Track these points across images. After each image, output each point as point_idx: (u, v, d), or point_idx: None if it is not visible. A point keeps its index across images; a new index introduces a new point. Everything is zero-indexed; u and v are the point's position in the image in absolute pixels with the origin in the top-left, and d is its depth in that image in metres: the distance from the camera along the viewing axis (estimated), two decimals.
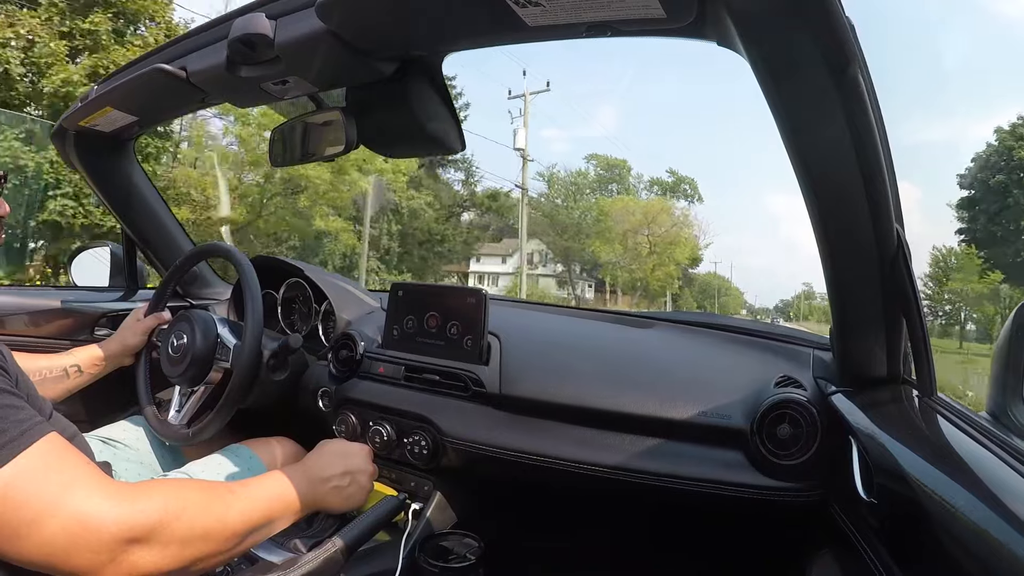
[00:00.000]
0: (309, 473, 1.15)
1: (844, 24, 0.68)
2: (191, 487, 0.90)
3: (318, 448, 1.27)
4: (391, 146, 1.30)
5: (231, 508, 0.90)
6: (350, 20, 0.94)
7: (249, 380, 1.42)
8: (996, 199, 32.02)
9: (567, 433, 1.26)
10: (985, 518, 0.62)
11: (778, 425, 1.12)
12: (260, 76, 1.10)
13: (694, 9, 0.74)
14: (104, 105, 1.44)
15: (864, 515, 0.89)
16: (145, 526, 0.77)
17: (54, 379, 1.46)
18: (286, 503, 1.04)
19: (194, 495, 0.87)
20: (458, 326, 1.44)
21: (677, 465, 1.17)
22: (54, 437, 0.79)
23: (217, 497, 0.90)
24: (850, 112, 0.75)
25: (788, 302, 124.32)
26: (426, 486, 1.41)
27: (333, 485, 1.18)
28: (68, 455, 0.79)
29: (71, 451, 0.80)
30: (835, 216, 0.88)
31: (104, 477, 0.79)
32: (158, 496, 0.81)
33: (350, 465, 1.23)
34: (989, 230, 32.17)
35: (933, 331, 20.30)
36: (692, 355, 1.46)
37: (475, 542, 1.25)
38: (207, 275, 2.17)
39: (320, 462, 1.21)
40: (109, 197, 1.85)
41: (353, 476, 1.23)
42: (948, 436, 0.86)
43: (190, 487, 0.90)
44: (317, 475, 1.16)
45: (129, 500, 0.77)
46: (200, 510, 0.85)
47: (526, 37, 0.90)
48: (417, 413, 1.38)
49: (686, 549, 1.66)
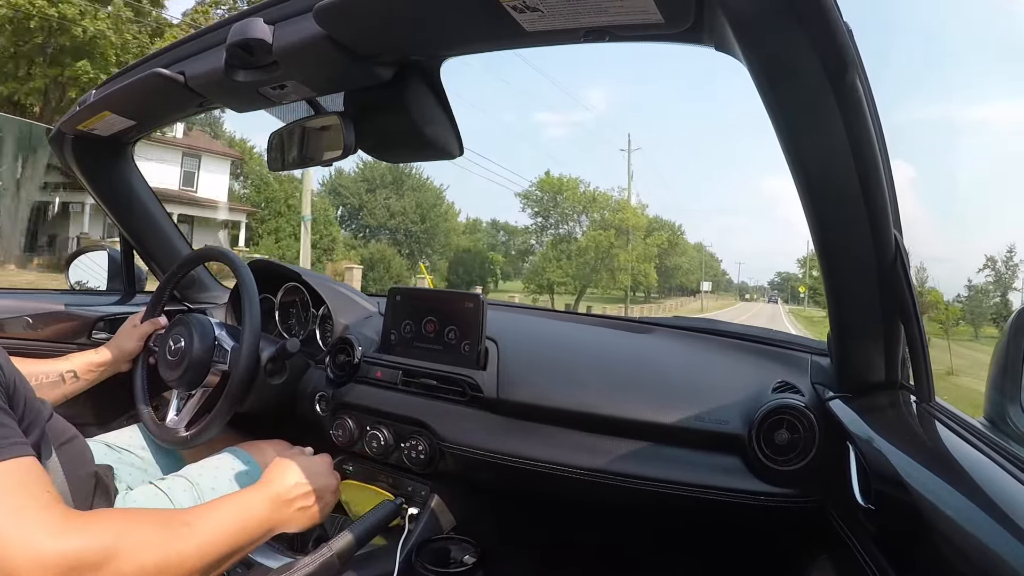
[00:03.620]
0: (269, 494, 1.08)
1: (842, 29, 0.68)
2: (147, 521, 0.85)
3: (278, 466, 1.17)
4: (389, 151, 1.30)
5: (188, 542, 0.85)
6: (348, 25, 0.94)
7: (247, 384, 1.41)
8: None
9: (565, 438, 1.26)
10: (983, 524, 0.62)
11: (776, 431, 1.12)
12: (258, 81, 1.10)
13: (691, 14, 0.74)
14: (102, 109, 1.43)
15: (862, 521, 0.89)
16: (91, 561, 0.72)
17: (50, 384, 1.46)
18: (248, 532, 0.97)
19: (148, 530, 0.82)
20: (456, 331, 1.44)
21: (674, 471, 1.17)
22: (22, 462, 0.77)
23: (173, 531, 0.85)
24: (848, 117, 0.75)
25: (785, 276, 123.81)
26: (423, 491, 1.40)
27: (298, 507, 1.11)
28: (29, 480, 0.76)
29: (34, 477, 0.77)
30: (833, 221, 0.88)
31: (59, 508, 0.76)
32: (110, 530, 0.77)
33: (316, 484, 1.16)
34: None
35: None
36: (690, 360, 1.45)
37: (472, 547, 1.25)
38: (205, 279, 2.16)
39: (284, 482, 1.13)
40: (107, 201, 1.85)
41: (315, 491, 1.15)
42: (946, 442, 0.86)
43: (146, 521, 0.85)
44: (281, 497, 1.09)
45: (78, 533, 0.73)
46: (154, 546, 0.80)
47: (524, 42, 0.90)
48: (414, 418, 1.38)
49: (683, 555, 1.65)
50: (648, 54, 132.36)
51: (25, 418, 0.94)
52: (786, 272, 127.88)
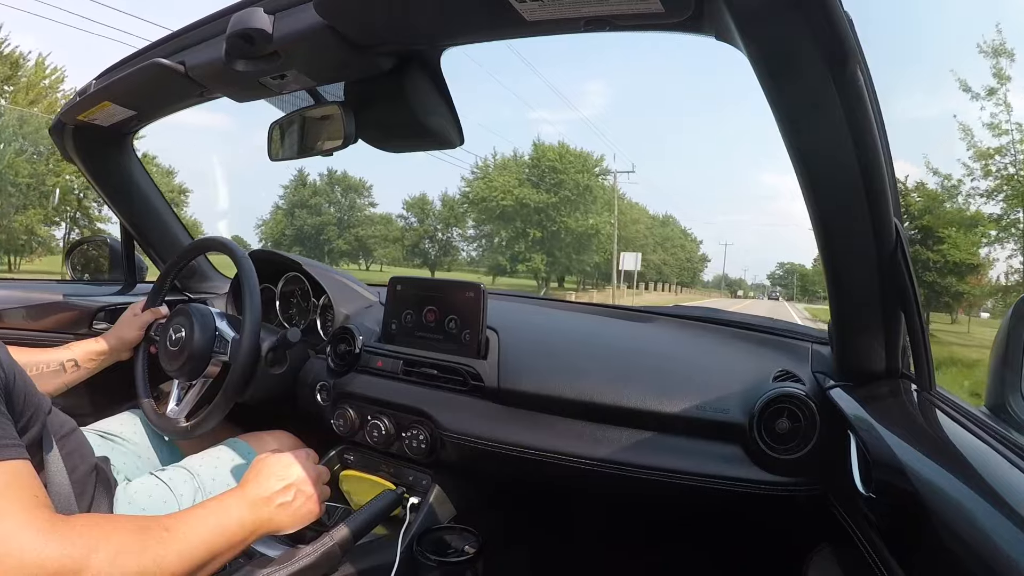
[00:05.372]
0: (248, 496, 1.04)
1: (843, 19, 0.67)
2: (126, 527, 0.84)
3: (254, 466, 1.14)
4: (390, 141, 1.29)
5: (168, 549, 0.84)
6: (349, 15, 0.93)
7: (247, 374, 1.42)
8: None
9: (565, 427, 1.26)
10: (983, 512, 0.62)
11: (777, 419, 1.13)
12: (258, 71, 1.09)
13: (692, 3, 0.74)
14: (102, 99, 1.43)
15: (862, 509, 0.89)
16: (72, 567, 0.73)
17: (51, 373, 1.46)
18: (228, 535, 0.95)
19: (129, 536, 0.81)
20: (456, 320, 1.44)
21: (675, 459, 1.17)
22: (12, 465, 0.77)
23: (152, 538, 0.84)
24: (849, 107, 0.75)
25: (789, 267, 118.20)
26: (424, 480, 1.41)
27: (277, 503, 1.07)
28: (17, 484, 0.76)
29: (23, 481, 0.78)
30: (834, 210, 0.88)
31: (43, 513, 0.76)
32: (91, 536, 0.77)
33: (289, 476, 1.11)
34: None
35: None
36: (691, 350, 1.46)
37: (473, 536, 1.25)
38: (205, 269, 2.17)
39: (258, 481, 1.09)
40: (107, 191, 1.85)
41: (297, 487, 1.11)
42: (947, 430, 0.86)
43: (125, 527, 0.83)
44: (257, 496, 1.05)
45: (59, 538, 0.73)
46: (135, 552, 0.80)
47: (524, 32, 0.90)
48: (415, 407, 1.38)
49: (684, 542, 1.66)
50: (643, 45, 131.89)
51: (24, 413, 0.94)
52: (789, 263, 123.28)
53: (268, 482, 1.09)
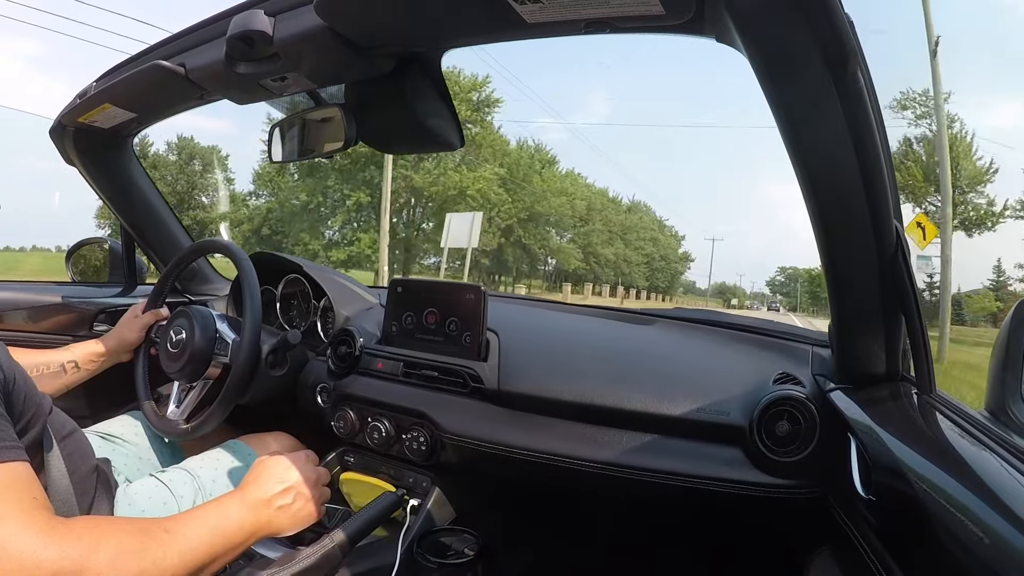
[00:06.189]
0: (248, 499, 1.05)
1: (843, 20, 0.67)
2: (126, 529, 0.84)
3: (254, 468, 1.15)
4: (390, 142, 1.30)
5: (168, 551, 0.84)
6: (349, 17, 0.94)
7: (248, 376, 1.42)
8: None
9: (565, 429, 1.26)
10: (983, 515, 0.62)
11: (777, 422, 1.12)
12: (259, 73, 1.10)
13: (692, 5, 0.74)
14: (103, 102, 1.43)
15: (863, 512, 0.89)
16: (71, 569, 0.72)
17: (51, 375, 1.46)
18: (227, 537, 0.95)
19: (128, 538, 0.81)
20: (457, 322, 1.44)
21: (675, 462, 1.17)
22: (11, 467, 0.77)
23: (152, 539, 0.84)
24: (849, 109, 0.75)
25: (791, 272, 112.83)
26: (424, 482, 1.41)
27: (277, 506, 1.08)
28: (16, 486, 0.76)
29: (22, 483, 0.77)
30: (834, 213, 0.88)
31: (43, 515, 0.76)
32: (91, 538, 0.76)
33: (289, 479, 1.13)
34: None
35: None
36: (691, 352, 1.46)
37: (473, 538, 1.25)
38: (206, 271, 2.17)
39: (258, 483, 1.10)
40: (108, 194, 1.85)
41: (297, 490, 1.12)
42: (947, 433, 0.85)
43: (125, 529, 0.84)
44: (256, 498, 1.06)
45: (58, 541, 0.73)
46: (134, 554, 0.80)
47: (525, 34, 0.90)
48: (415, 409, 1.38)
49: (683, 544, 1.66)
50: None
51: (25, 414, 0.94)
52: (792, 267, 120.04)
53: (268, 484, 1.10)
